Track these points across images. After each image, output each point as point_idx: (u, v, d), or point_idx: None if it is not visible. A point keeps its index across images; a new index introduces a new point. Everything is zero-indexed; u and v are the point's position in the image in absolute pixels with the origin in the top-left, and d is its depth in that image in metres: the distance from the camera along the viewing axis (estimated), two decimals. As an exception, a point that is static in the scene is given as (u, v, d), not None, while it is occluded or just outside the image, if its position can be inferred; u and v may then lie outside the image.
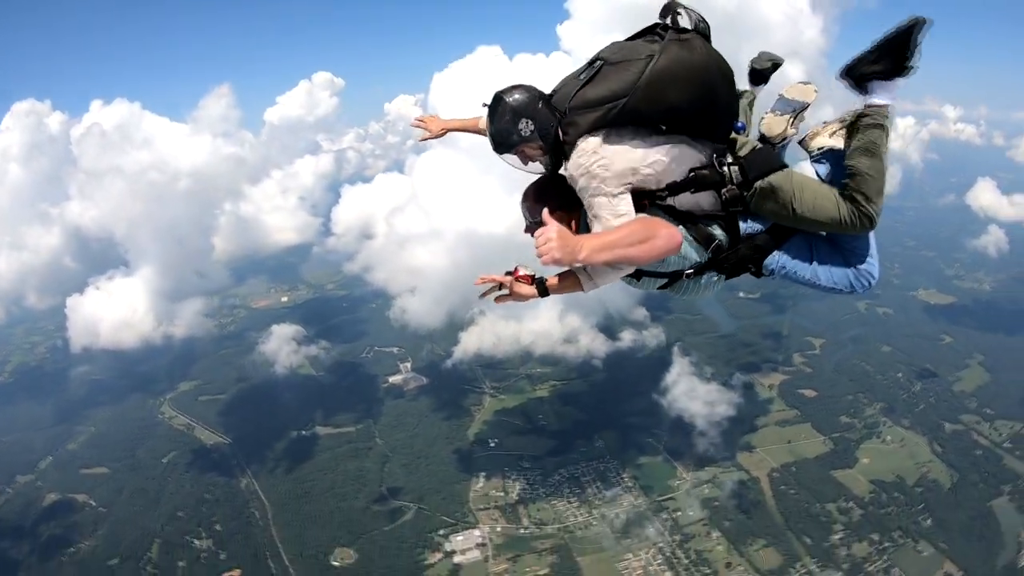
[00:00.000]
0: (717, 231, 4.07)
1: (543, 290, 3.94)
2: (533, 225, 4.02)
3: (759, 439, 68.85)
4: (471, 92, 4.67)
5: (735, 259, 4.19)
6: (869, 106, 4.04)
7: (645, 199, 3.88)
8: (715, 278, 4.30)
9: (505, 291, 3.94)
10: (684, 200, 3.93)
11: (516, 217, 4.23)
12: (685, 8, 3.84)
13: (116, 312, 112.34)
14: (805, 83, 4.68)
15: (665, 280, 4.20)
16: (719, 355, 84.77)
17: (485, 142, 4.14)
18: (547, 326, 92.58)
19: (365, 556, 56.43)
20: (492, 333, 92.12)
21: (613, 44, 3.96)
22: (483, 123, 4.44)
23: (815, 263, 4.30)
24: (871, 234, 4.29)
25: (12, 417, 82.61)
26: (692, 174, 3.91)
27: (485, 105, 4.01)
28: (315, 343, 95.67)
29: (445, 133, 5.42)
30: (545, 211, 3.37)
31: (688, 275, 4.14)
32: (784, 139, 4.57)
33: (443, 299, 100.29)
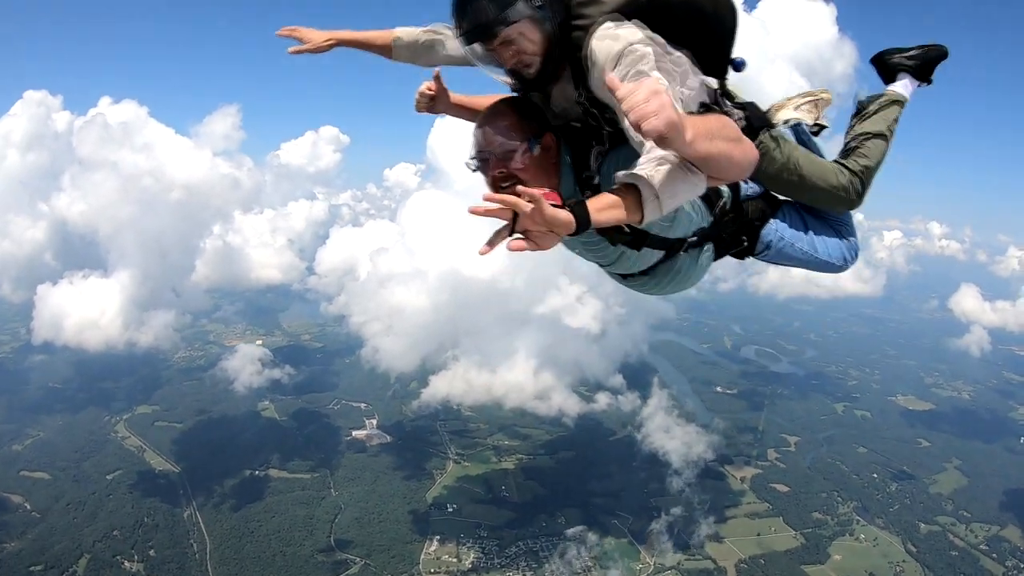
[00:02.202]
0: (723, 187, 3.53)
1: (582, 214, 2.31)
2: (509, 153, 3.05)
3: (728, 529, 67.43)
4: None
5: (735, 226, 3.73)
6: (892, 91, 4.23)
7: None
8: (710, 253, 3.73)
9: (518, 234, 2.29)
10: None
11: (501, 260, 3.10)
12: None
13: (85, 311, 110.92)
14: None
15: (662, 255, 3.42)
16: (693, 445, 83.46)
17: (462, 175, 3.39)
18: (521, 379, 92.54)
19: None
20: (464, 380, 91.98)
21: None
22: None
23: (811, 233, 4.11)
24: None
25: None
26: (702, 109, 3.20)
27: None
28: (280, 367, 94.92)
29: (332, 45, 3.86)
30: (611, 75, 2.32)
31: (688, 247, 3.47)
32: None
33: (419, 342, 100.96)
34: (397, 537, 63.36)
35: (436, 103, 3.79)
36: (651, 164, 2.41)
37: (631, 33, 2.85)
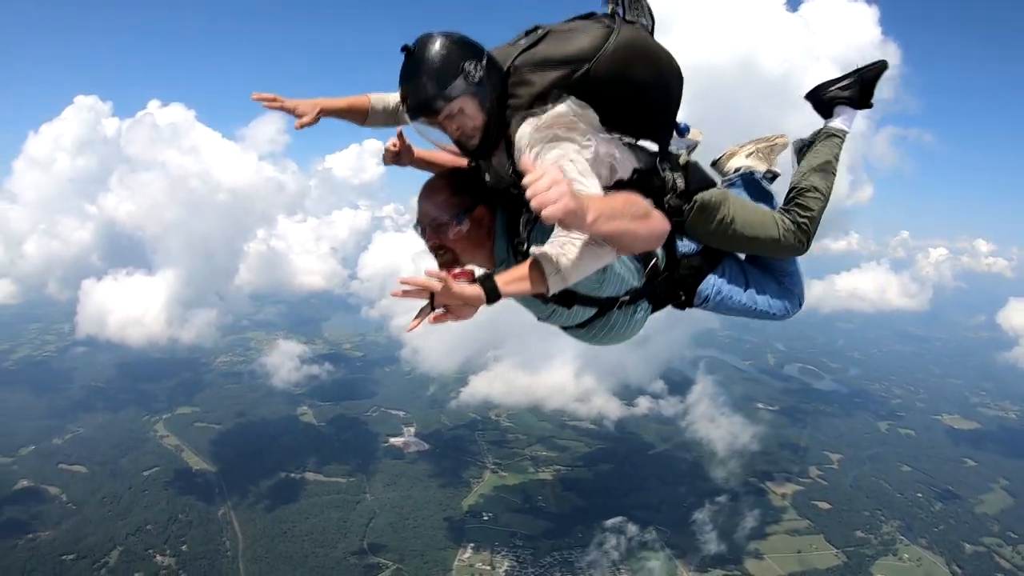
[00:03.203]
0: (656, 248, 3.48)
1: (492, 290, 2.60)
2: (442, 226, 3.29)
3: (768, 546, 65.35)
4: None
5: (669, 283, 3.73)
6: (830, 127, 4.17)
7: None
8: (645, 309, 3.72)
9: (439, 309, 2.55)
10: None
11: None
12: None
13: (128, 307, 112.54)
14: (689, 126, 4.13)
15: (594, 311, 3.46)
16: (733, 460, 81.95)
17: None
18: (562, 381, 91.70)
19: None
20: (504, 380, 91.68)
21: (545, 24, 3.37)
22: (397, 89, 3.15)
23: (751, 288, 4.03)
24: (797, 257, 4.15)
25: (5, 402, 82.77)
26: (636, 175, 3.38)
27: (405, 48, 2.98)
28: (319, 363, 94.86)
29: (320, 116, 3.61)
30: (526, 157, 2.80)
31: (621, 304, 3.49)
32: None
33: (461, 343, 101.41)
34: (431, 543, 62.21)
35: (401, 157, 3.87)
36: (560, 239, 2.72)
37: (551, 117, 3.01)
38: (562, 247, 2.66)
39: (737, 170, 4.21)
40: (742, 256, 4.09)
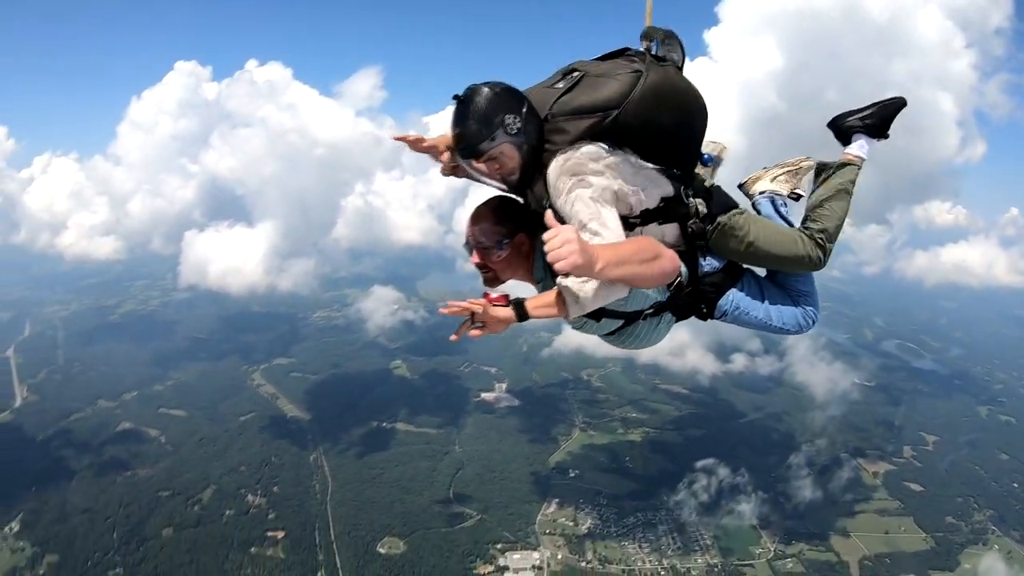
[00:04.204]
0: (681, 267, 3.75)
1: (522, 313, 3.22)
2: (486, 249, 3.57)
3: (855, 524, 62.09)
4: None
5: (691, 298, 3.97)
6: (847, 154, 4.29)
7: None
8: (669, 319, 4.00)
9: (479, 324, 3.19)
10: (651, 230, 3.68)
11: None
12: (664, 33, 3.78)
13: (229, 257, 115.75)
14: (714, 141, 4.26)
15: (621, 322, 3.77)
16: (826, 434, 78.36)
17: None
18: None
19: (414, 550, 53.05)
20: None
21: (582, 61, 3.67)
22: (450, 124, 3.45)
23: (767, 303, 4.18)
24: (812, 274, 4.29)
25: (112, 352, 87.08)
26: (662, 203, 3.66)
27: (456, 98, 3.31)
28: (413, 309, 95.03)
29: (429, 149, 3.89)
30: (549, 214, 2.89)
31: (646, 316, 3.81)
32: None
33: None
34: (516, 496, 61.43)
35: (457, 171, 3.92)
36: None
37: (575, 164, 3.29)
38: (583, 282, 3.05)
39: (762, 193, 4.40)
40: (763, 274, 4.28)
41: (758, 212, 4.32)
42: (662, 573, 54.56)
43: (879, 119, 4.27)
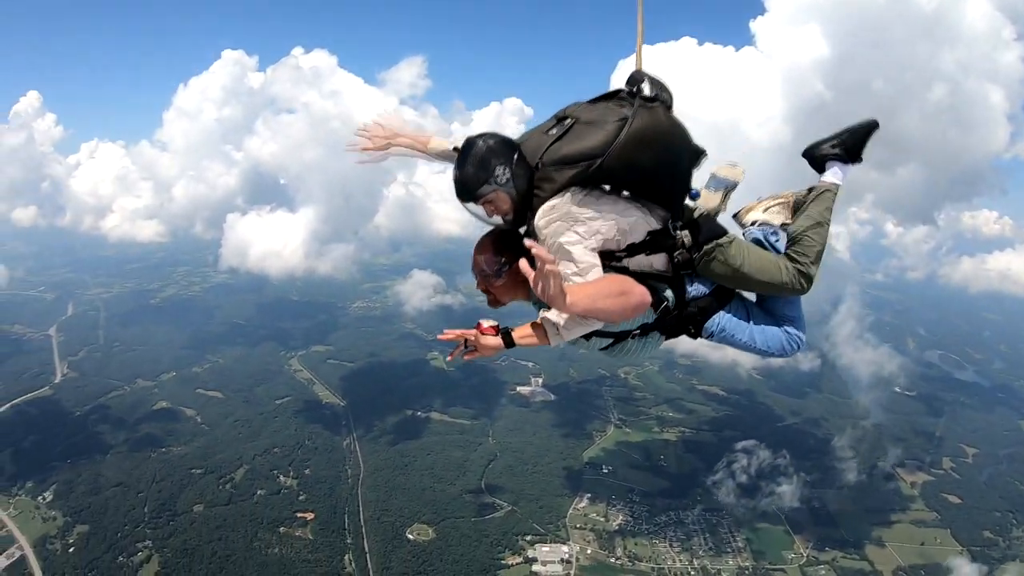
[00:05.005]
0: (667, 292, 4.00)
1: (509, 341, 3.69)
2: (487, 276, 3.81)
3: (891, 534, 61.01)
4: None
5: (679, 320, 4.12)
6: (823, 183, 4.47)
7: (603, 259, 3.73)
8: (657, 338, 4.19)
9: (471, 348, 3.72)
10: (639, 261, 3.84)
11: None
12: (651, 78, 3.81)
13: (269, 241, 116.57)
14: (733, 164, 4.42)
15: (611, 340, 4.01)
16: (865, 442, 76.41)
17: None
18: None
19: (443, 538, 53.05)
20: None
21: (578, 104, 3.85)
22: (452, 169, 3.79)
23: (752, 326, 4.32)
24: (800, 300, 4.45)
25: (151, 334, 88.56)
26: (648, 237, 3.84)
27: (456, 149, 3.74)
28: (451, 293, 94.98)
29: (388, 148, 4.52)
30: (523, 262, 2.98)
31: (634, 335, 4.02)
32: (716, 214, 4.26)
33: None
34: (547, 489, 60.95)
35: (374, 143, 4.51)
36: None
37: (560, 213, 3.53)
38: (561, 315, 3.45)
39: (754, 223, 4.51)
40: (752, 299, 4.42)
41: (749, 241, 4.40)
42: (692, 573, 53.87)
43: (851, 144, 4.42)
